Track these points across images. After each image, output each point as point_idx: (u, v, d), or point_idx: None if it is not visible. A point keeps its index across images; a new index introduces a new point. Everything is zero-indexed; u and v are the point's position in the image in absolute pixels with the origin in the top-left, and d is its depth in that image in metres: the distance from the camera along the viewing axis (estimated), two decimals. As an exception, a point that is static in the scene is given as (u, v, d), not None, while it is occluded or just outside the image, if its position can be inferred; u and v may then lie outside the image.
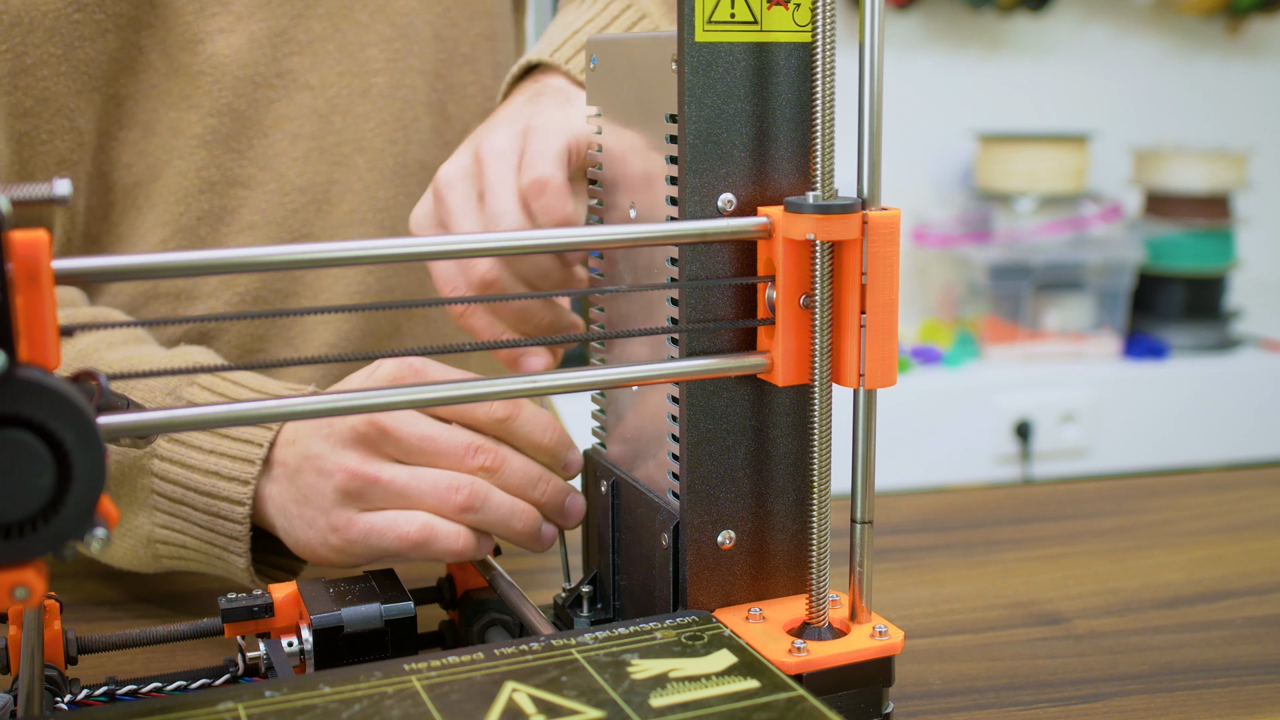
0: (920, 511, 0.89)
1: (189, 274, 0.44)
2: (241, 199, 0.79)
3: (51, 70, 0.73)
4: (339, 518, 0.60)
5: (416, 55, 0.84)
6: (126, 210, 0.78)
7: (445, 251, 0.49)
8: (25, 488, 0.39)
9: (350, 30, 0.81)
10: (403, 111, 0.83)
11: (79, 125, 0.75)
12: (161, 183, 0.77)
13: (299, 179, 0.80)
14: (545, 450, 0.62)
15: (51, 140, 0.74)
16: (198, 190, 0.78)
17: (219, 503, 0.64)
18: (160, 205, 0.78)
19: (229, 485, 0.63)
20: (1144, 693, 0.60)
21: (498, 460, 0.60)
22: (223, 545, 0.65)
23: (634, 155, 0.56)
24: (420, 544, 0.59)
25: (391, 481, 0.59)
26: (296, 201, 0.80)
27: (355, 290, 0.83)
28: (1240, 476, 0.99)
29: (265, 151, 0.79)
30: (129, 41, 0.75)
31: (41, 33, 0.72)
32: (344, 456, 0.60)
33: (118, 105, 0.76)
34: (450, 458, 0.59)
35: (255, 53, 0.78)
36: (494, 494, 0.60)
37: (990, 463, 2.14)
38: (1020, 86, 2.42)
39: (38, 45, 0.72)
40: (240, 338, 0.81)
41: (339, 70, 0.81)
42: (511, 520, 0.60)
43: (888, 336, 0.51)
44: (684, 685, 0.46)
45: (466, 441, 0.60)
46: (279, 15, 0.78)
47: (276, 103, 0.79)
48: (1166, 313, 2.29)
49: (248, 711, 0.44)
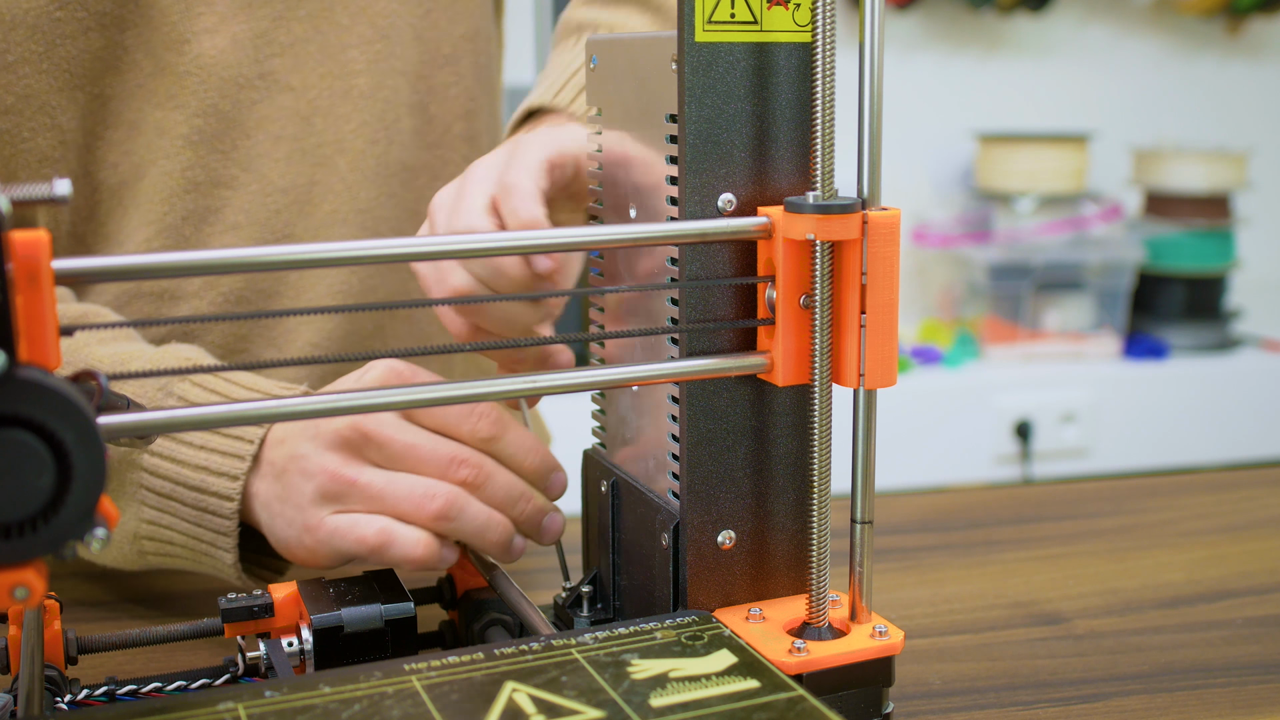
0: (920, 511, 0.89)
1: (188, 274, 0.44)
2: (225, 199, 0.79)
3: (33, 68, 0.73)
4: (312, 518, 0.60)
5: (398, 56, 0.84)
6: (113, 210, 0.78)
7: (427, 253, 0.49)
8: (25, 488, 0.39)
9: (331, 32, 0.81)
10: (384, 112, 0.83)
11: (61, 123, 0.75)
12: (147, 182, 0.77)
13: (281, 180, 0.80)
14: (529, 472, 0.62)
15: (33, 138, 0.74)
16: (183, 190, 0.78)
17: (208, 498, 0.64)
18: (145, 205, 0.78)
19: (219, 481, 0.63)
20: (1144, 693, 0.60)
21: (481, 475, 0.60)
22: (210, 541, 0.65)
23: (634, 155, 0.56)
24: (377, 548, 0.59)
25: (368, 485, 0.59)
26: (279, 202, 0.80)
27: (338, 290, 0.83)
28: (1240, 476, 0.99)
29: (248, 152, 0.79)
30: (113, 40, 0.75)
31: (23, 30, 0.72)
32: (326, 458, 0.60)
33: (103, 104, 0.76)
34: (433, 467, 0.60)
35: (239, 54, 0.78)
36: (472, 505, 0.60)
37: (990, 463, 2.14)
38: (1020, 86, 2.42)
39: (19, 43, 0.72)
40: (224, 337, 0.81)
41: (320, 72, 0.81)
42: (486, 531, 0.60)
43: (888, 336, 0.51)
44: (684, 685, 0.46)
45: (451, 453, 0.60)
46: (261, 17, 0.79)
47: (259, 104, 0.79)
48: (1166, 313, 2.29)
49: (248, 711, 0.44)
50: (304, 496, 0.61)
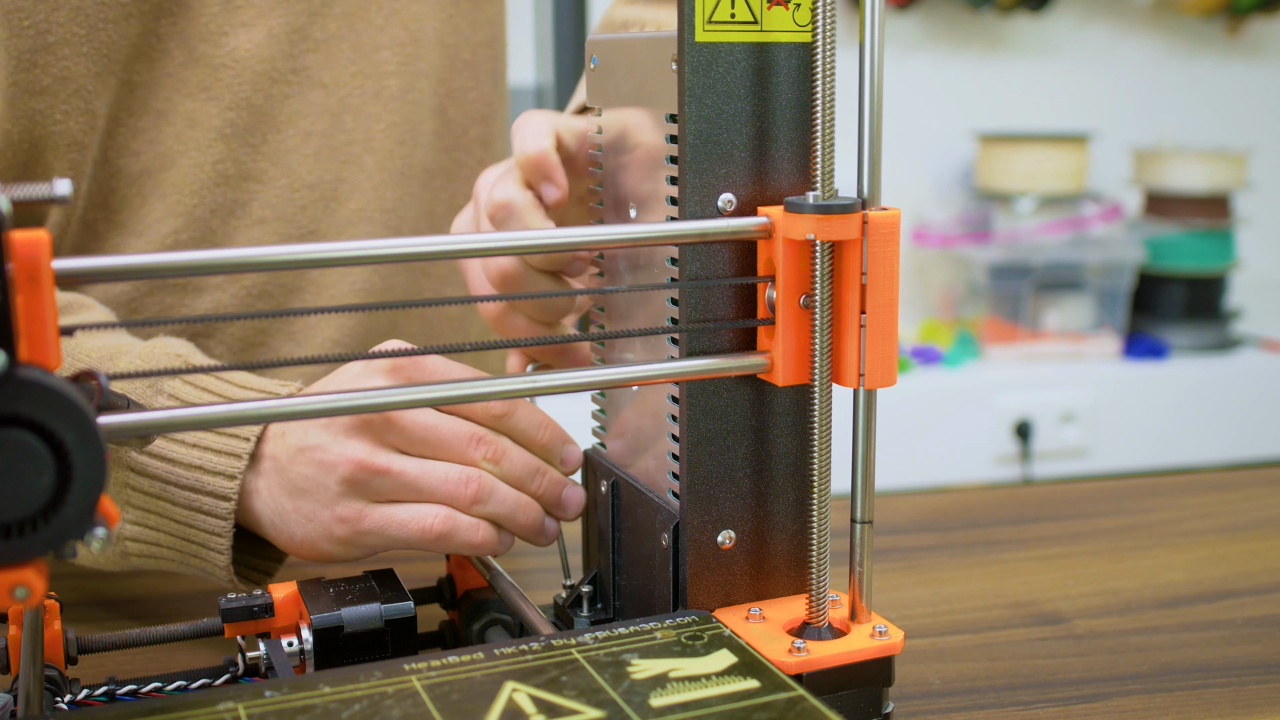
0: (920, 511, 0.89)
1: (188, 274, 0.44)
2: (253, 193, 0.79)
3: (73, 50, 0.73)
4: (347, 509, 0.59)
5: (424, 60, 0.85)
6: (130, 198, 0.78)
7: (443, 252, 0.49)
8: (25, 488, 0.39)
9: (365, 31, 0.82)
10: (411, 114, 0.84)
11: (94, 108, 0.75)
12: (175, 173, 0.77)
13: (309, 175, 0.81)
14: (541, 446, 0.62)
15: (65, 121, 0.74)
16: (213, 183, 0.78)
17: (202, 498, 0.62)
18: (172, 196, 0.78)
19: (214, 480, 0.62)
20: (1144, 693, 0.60)
21: (499, 452, 0.60)
22: (201, 542, 0.63)
23: (634, 155, 0.56)
24: (443, 535, 0.58)
25: (402, 473, 0.59)
26: (306, 198, 0.81)
27: (360, 286, 0.83)
28: (1240, 476, 0.99)
29: (278, 147, 0.80)
30: (149, 28, 0.75)
31: (67, 11, 0.72)
32: (349, 446, 0.59)
33: (130, 91, 0.76)
34: (453, 447, 0.59)
35: (273, 48, 0.78)
36: (500, 487, 0.60)
37: (990, 463, 2.14)
38: (1020, 86, 2.42)
39: (61, 24, 0.72)
40: (243, 330, 0.81)
41: (352, 70, 0.82)
42: (517, 513, 0.60)
43: (888, 336, 0.51)
44: (684, 685, 0.46)
45: (469, 432, 0.60)
46: (297, 12, 0.79)
47: (291, 99, 0.80)
48: (1166, 313, 2.29)
49: (248, 711, 0.44)
50: (327, 489, 0.59)
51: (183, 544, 0.64)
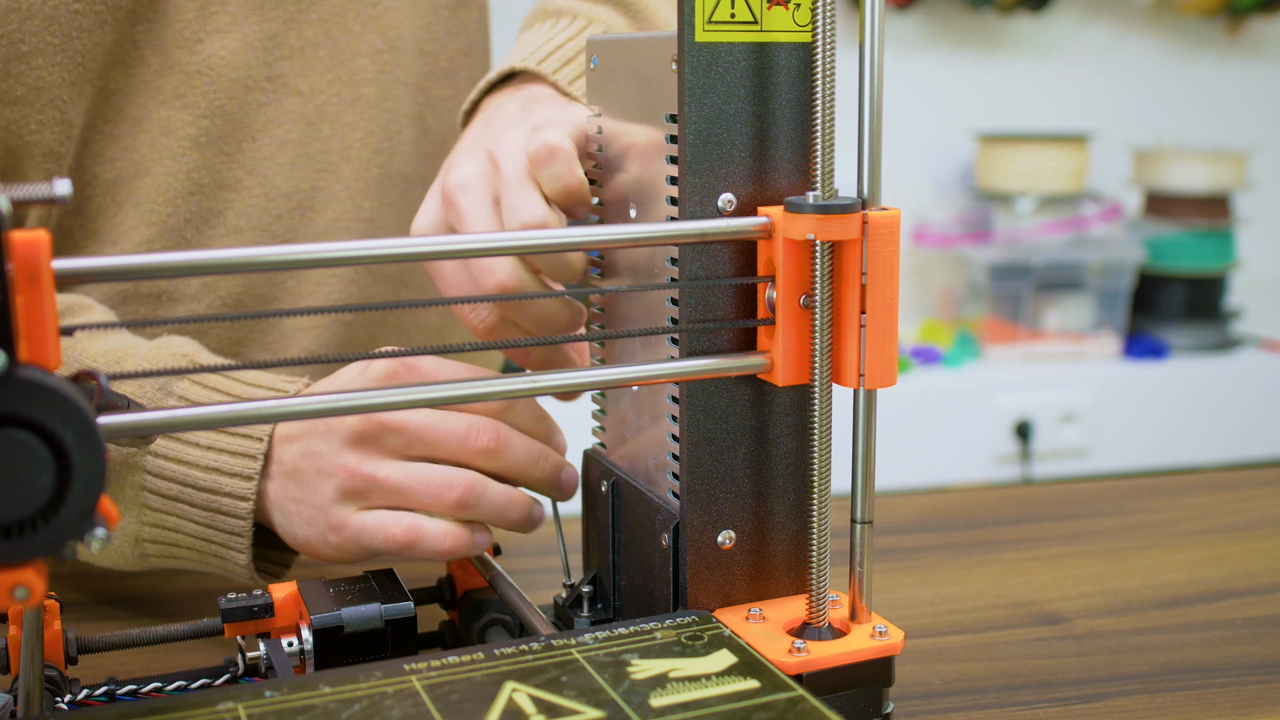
0: (920, 511, 0.89)
1: (188, 274, 0.44)
2: (228, 202, 0.78)
3: (47, 59, 0.72)
4: (336, 516, 0.60)
5: (403, 68, 0.84)
6: (105, 205, 0.77)
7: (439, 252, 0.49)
8: (25, 488, 0.39)
9: (342, 38, 0.81)
10: (389, 123, 0.83)
11: (70, 118, 0.74)
12: (148, 181, 0.76)
13: (285, 184, 0.80)
14: (538, 436, 0.62)
15: (41, 131, 0.73)
16: (187, 191, 0.77)
17: (220, 499, 0.63)
18: (145, 204, 0.77)
19: (231, 481, 0.63)
20: (1144, 693, 0.60)
21: (500, 440, 0.60)
22: (221, 542, 0.64)
23: (634, 155, 0.56)
24: (407, 545, 0.59)
25: (387, 480, 0.59)
26: (281, 207, 0.80)
27: (336, 298, 0.82)
28: (1240, 476, 0.99)
29: (253, 155, 0.79)
30: (124, 35, 0.74)
31: (40, 20, 0.71)
32: (344, 456, 0.60)
33: (105, 99, 0.75)
34: (452, 441, 0.60)
35: (249, 55, 0.77)
36: (491, 488, 0.60)
37: (990, 463, 2.14)
38: (1020, 86, 2.42)
39: (34, 33, 0.71)
40: (220, 341, 0.80)
41: (329, 78, 0.81)
42: (507, 511, 0.61)
43: (888, 336, 0.51)
44: (684, 685, 0.46)
45: (468, 423, 0.60)
46: (273, 19, 0.78)
47: (266, 106, 0.79)
48: (1166, 313, 2.29)
49: (248, 711, 0.44)
50: (324, 495, 0.60)
51: (203, 544, 0.65)
